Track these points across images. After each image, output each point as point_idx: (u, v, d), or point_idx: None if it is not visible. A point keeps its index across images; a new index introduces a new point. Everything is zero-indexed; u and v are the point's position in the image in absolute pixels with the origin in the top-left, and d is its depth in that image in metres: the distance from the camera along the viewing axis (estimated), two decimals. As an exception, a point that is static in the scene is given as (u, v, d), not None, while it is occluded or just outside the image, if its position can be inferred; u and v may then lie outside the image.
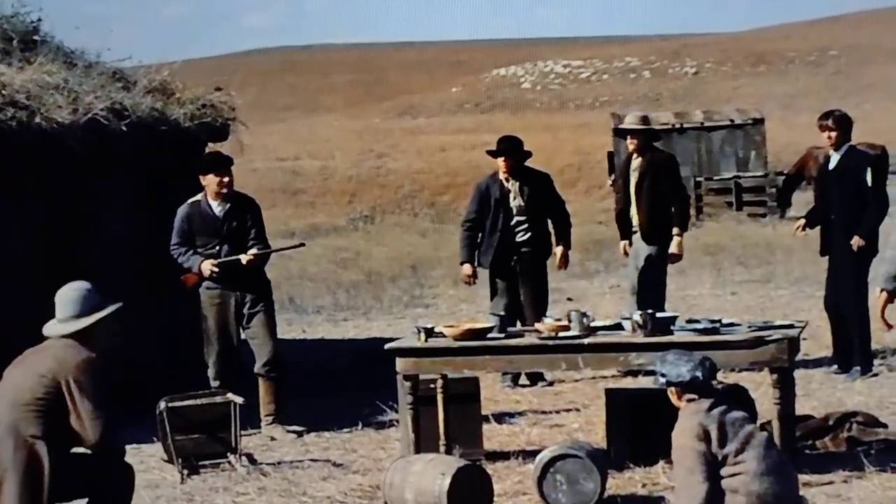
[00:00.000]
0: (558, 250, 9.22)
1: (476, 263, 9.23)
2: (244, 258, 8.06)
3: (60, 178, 8.67)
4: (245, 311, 8.16)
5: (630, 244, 9.73)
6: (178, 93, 9.57)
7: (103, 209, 9.00)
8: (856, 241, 8.79)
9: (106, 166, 8.88)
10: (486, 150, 9.48)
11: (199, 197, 8.18)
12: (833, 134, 8.94)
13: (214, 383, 8.08)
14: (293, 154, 41.29)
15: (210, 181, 8.10)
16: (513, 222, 9.06)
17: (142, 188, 9.35)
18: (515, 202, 9.07)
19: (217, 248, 8.14)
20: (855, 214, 8.83)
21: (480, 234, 9.20)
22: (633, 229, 9.62)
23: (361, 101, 75.90)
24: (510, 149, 9.10)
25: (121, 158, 8.92)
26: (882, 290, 5.30)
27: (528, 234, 9.07)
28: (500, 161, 9.10)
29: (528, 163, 9.23)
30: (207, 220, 8.13)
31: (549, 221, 9.26)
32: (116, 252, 9.02)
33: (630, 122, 9.79)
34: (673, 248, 9.47)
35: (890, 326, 5.39)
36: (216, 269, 8.07)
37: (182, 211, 8.22)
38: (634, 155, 9.57)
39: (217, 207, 8.13)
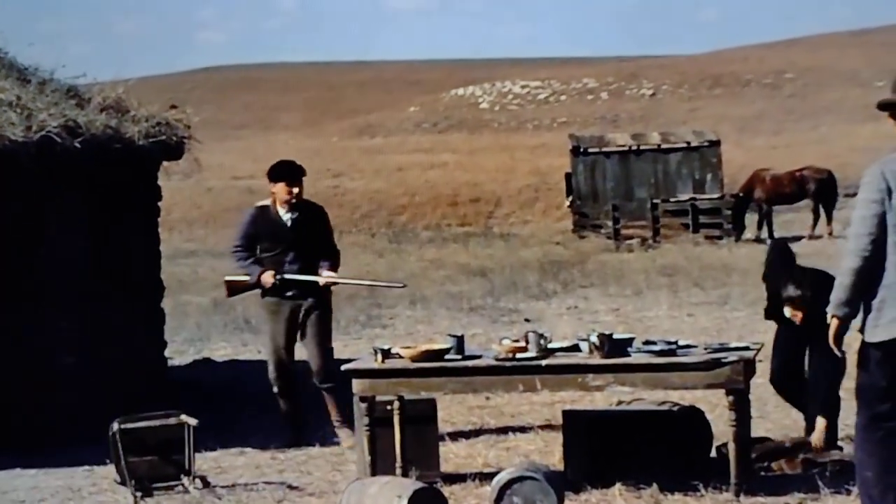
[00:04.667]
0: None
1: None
2: (322, 280, 8.13)
3: (13, 196, 8.57)
4: (299, 320, 8.18)
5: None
6: (132, 110, 9.49)
7: (56, 227, 8.90)
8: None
9: (59, 184, 8.78)
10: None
11: (267, 202, 8.24)
12: None
13: (274, 389, 8.27)
14: (249, 172, 41.03)
15: (279, 189, 8.15)
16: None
17: (96, 206, 9.26)
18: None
19: (284, 255, 8.15)
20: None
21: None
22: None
23: (318, 120, 75.78)
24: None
25: (74, 176, 8.83)
26: (833, 316, 5.32)
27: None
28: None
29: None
30: (275, 226, 8.17)
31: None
32: (69, 269, 8.93)
33: None
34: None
35: (843, 353, 5.42)
36: (277, 282, 8.12)
37: (249, 213, 8.32)
38: None
39: (285, 215, 8.17)
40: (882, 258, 5.18)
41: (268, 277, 8.13)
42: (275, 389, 8.29)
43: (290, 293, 8.17)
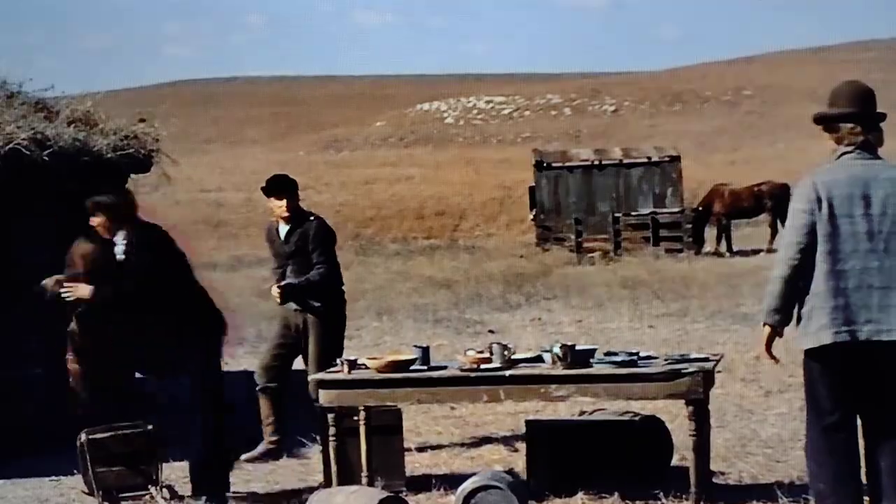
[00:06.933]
0: None
1: None
2: (274, 289, 8.31)
3: (-19, 208, 8.57)
4: (300, 332, 8.33)
5: None
6: (101, 123, 9.52)
7: (25, 240, 8.91)
8: None
9: (27, 197, 8.80)
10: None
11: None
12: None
13: (258, 385, 8.38)
14: (217, 186, 41.06)
15: (272, 205, 8.40)
16: None
17: (64, 219, 9.26)
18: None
19: (285, 269, 8.38)
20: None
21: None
22: None
23: (286, 134, 75.71)
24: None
25: (43, 189, 8.85)
26: (765, 325, 5.43)
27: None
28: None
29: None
30: (275, 241, 8.46)
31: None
32: (37, 281, 8.91)
33: None
34: None
35: (776, 360, 5.52)
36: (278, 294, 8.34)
37: (265, 230, 8.71)
38: None
39: (283, 229, 8.38)
40: (811, 267, 5.28)
41: (273, 290, 8.39)
42: (258, 385, 8.39)
43: (294, 307, 8.34)
